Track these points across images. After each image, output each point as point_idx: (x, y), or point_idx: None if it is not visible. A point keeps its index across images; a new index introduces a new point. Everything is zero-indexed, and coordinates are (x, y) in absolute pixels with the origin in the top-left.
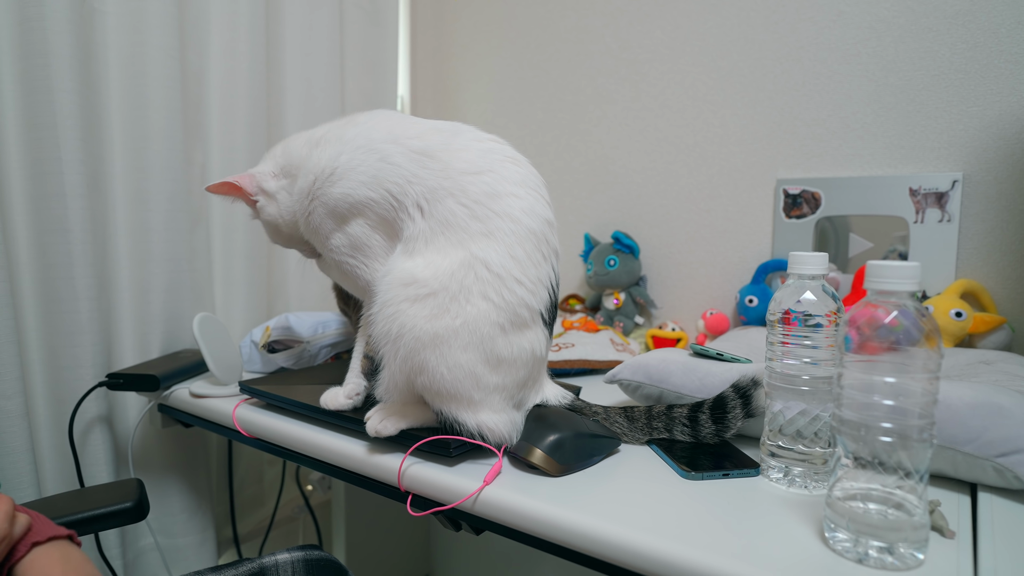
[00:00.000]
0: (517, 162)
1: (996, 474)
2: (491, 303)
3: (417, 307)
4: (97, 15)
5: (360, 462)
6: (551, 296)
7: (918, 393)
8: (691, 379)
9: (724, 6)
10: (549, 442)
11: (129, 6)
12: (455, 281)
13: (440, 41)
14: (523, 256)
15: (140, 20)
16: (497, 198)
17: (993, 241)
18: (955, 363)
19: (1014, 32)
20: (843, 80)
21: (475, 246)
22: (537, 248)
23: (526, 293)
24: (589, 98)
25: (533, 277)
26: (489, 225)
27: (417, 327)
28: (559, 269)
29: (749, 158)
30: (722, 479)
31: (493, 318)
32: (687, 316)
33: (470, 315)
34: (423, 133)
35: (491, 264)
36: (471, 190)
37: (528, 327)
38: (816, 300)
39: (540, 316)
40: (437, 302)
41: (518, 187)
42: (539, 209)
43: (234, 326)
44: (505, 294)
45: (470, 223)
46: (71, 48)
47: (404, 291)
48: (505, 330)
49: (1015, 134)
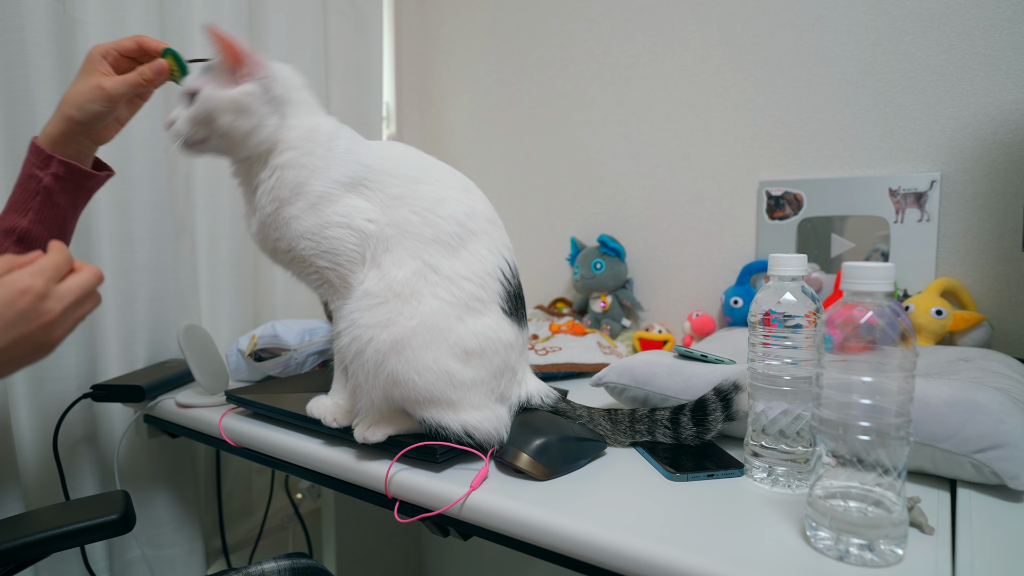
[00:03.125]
0: (455, 174)
1: (974, 470)
2: (441, 300)
3: (370, 315)
4: (78, 25)
5: (348, 470)
6: (505, 287)
7: (894, 392)
8: (676, 381)
9: (705, 11)
10: (535, 446)
11: (110, 15)
12: (407, 288)
13: (425, 47)
14: (467, 255)
15: (121, 29)
16: (443, 203)
17: (971, 240)
18: (935, 360)
19: (987, 35)
20: (822, 83)
21: (426, 253)
22: (483, 245)
23: (474, 287)
24: (573, 103)
25: (480, 271)
26: (437, 230)
27: (375, 338)
28: (515, 262)
29: (732, 160)
30: (707, 480)
31: (446, 311)
32: (673, 318)
33: (423, 313)
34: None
35: (440, 268)
36: (423, 198)
37: (482, 314)
38: (796, 301)
39: (496, 305)
40: (388, 307)
41: (459, 192)
42: (479, 209)
43: (220, 335)
44: (454, 290)
45: (423, 229)
46: (51, 59)
47: (357, 304)
48: (461, 319)
49: (990, 134)
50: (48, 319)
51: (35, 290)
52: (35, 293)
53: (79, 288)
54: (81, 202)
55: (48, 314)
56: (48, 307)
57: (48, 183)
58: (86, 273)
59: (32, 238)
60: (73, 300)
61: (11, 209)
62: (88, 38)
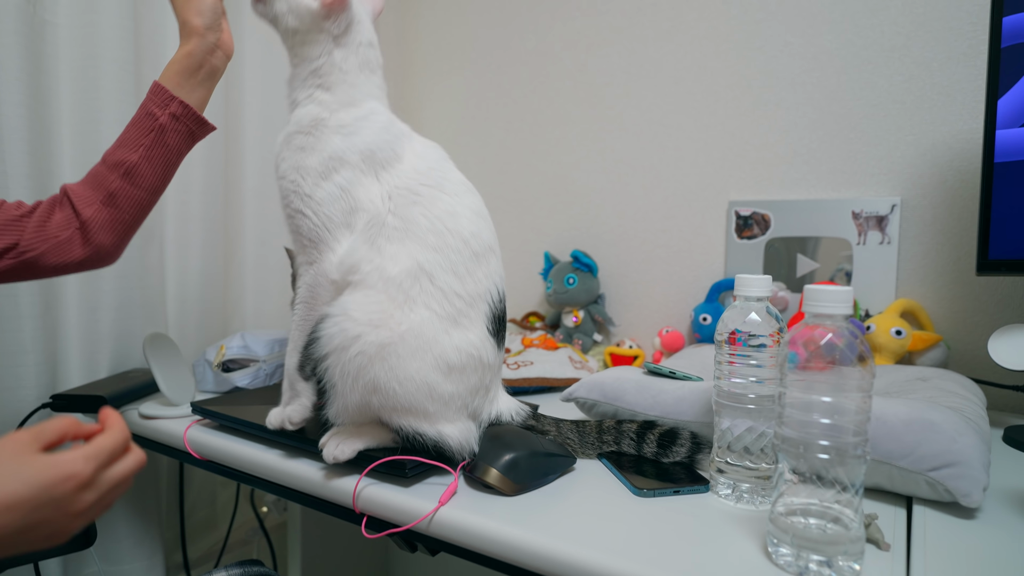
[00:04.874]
0: (471, 190)
1: (929, 487)
2: (432, 312)
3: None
4: (48, 27)
5: (315, 484)
6: (492, 310)
7: (852, 411)
8: (644, 397)
9: (678, 34)
10: (504, 461)
11: (82, 19)
12: (401, 292)
13: (402, 60)
14: (464, 273)
15: (93, 33)
16: (454, 218)
17: (929, 263)
18: (894, 379)
19: (945, 67)
20: (790, 107)
21: (423, 257)
22: (479, 268)
23: (464, 305)
24: (548, 119)
25: (472, 292)
26: (441, 240)
27: (363, 337)
28: (504, 290)
29: (703, 180)
30: (673, 496)
31: (436, 323)
32: (644, 334)
33: (413, 321)
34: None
35: (435, 278)
36: (438, 205)
37: (468, 329)
38: (760, 321)
39: (482, 325)
40: (381, 307)
41: (471, 212)
42: (485, 236)
43: (188, 345)
44: (445, 305)
45: (428, 236)
46: (20, 60)
47: (353, 297)
48: (448, 332)
49: (947, 162)
50: (77, 509)
51: (81, 478)
52: (80, 481)
53: (120, 476)
54: (186, 148)
55: (80, 505)
56: (84, 497)
57: (164, 121)
58: (131, 460)
59: (139, 173)
60: (109, 488)
61: (122, 144)
62: (59, 41)
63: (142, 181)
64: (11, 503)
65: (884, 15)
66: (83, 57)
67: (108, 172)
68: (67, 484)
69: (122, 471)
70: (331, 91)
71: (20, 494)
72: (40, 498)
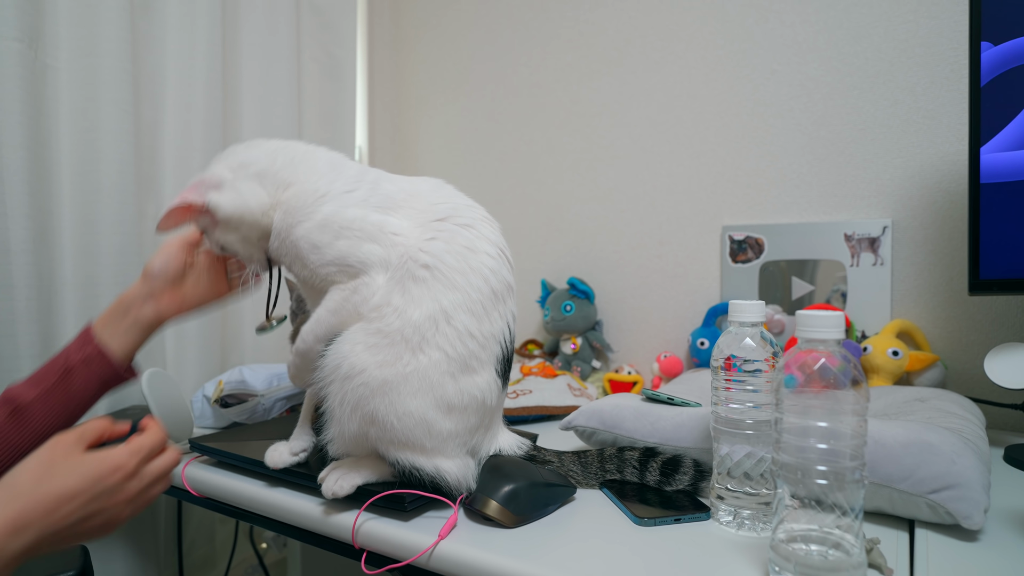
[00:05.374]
0: (492, 223)
1: (930, 510)
2: (443, 353)
3: (374, 350)
4: (49, 71)
5: (314, 520)
6: (503, 351)
7: (848, 436)
8: (643, 424)
9: (667, 64)
10: (504, 493)
11: (82, 62)
12: (418, 334)
13: (398, 93)
14: (481, 312)
15: (93, 75)
16: (474, 253)
17: (923, 283)
18: (892, 401)
19: (928, 91)
20: (779, 133)
21: (446, 299)
22: (495, 307)
23: (477, 347)
24: (543, 149)
25: (487, 332)
26: (466, 279)
27: (367, 371)
28: (515, 330)
29: (696, 206)
30: (674, 524)
31: (443, 367)
32: (642, 359)
33: (421, 364)
34: (411, 180)
35: (453, 319)
36: (457, 239)
37: (476, 373)
38: (755, 346)
39: (491, 367)
40: (394, 351)
41: (491, 246)
42: (504, 273)
43: (186, 380)
44: (458, 347)
45: (453, 276)
46: (21, 104)
47: (366, 337)
48: (454, 376)
49: (936, 183)
50: (126, 497)
51: (127, 469)
52: (126, 472)
53: (160, 470)
54: (97, 393)
55: (128, 492)
56: (131, 486)
57: (73, 364)
58: (169, 457)
59: (28, 415)
60: (151, 481)
61: (30, 378)
62: (60, 84)
63: (30, 423)
64: (71, 494)
65: (867, 42)
66: (83, 99)
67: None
68: (116, 475)
69: (161, 465)
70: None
71: (78, 486)
72: (95, 489)
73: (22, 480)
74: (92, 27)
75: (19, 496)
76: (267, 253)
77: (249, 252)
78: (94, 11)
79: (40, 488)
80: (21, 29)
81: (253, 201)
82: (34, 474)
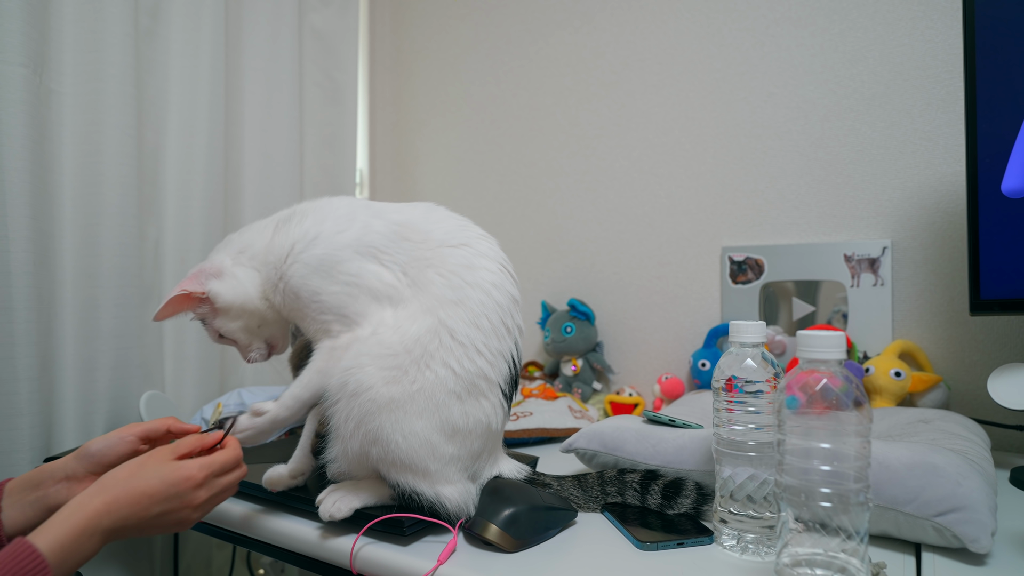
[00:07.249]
0: (489, 240)
1: (936, 533)
2: (450, 370)
3: (379, 364)
4: (53, 96)
5: (312, 545)
6: (511, 370)
7: (852, 457)
8: (645, 446)
9: (665, 87)
10: (504, 517)
11: (86, 87)
12: (419, 346)
13: (399, 117)
14: (487, 327)
15: (97, 100)
16: (472, 270)
17: (924, 303)
18: (896, 422)
19: (925, 113)
20: (777, 155)
21: (444, 313)
22: (502, 321)
23: (485, 364)
24: (542, 171)
25: (495, 349)
26: (460, 293)
27: (374, 388)
28: (522, 346)
29: (695, 227)
30: (676, 548)
31: (450, 386)
32: (643, 381)
33: (428, 381)
34: (401, 208)
35: (456, 332)
36: (449, 261)
37: (484, 396)
38: (756, 367)
39: (499, 387)
40: (398, 363)
41: (490, 262)
42: (507, 286)
43: (185, 404)
44: (465, 363)
45: (444, 291)
46: (25, 127)
47: (370, 349)
48: (461, 398)
49: (934, 204)
50: (194, 503)
51: (196, 480)
52: (195, 482)
53: (226, 483)
54: None
55: (195, 499)
56: (198, 495)
57: None
58: (235, 475)
59: None
60: (218, 491)
61: None
62: (63, 108)
63: None
64: (149, 492)
65: (863, 65)
66: (86, 123)
67: None
68: (186, 483)
69: (228, 479)
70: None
71: (155, 488)
72: (167, 491)
73: (121, 475)
74: (96, 52)
75: (115, 486)
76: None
77: (249, 340)
78: (98, 37)
79: (130, 483)
80: (26, 55)
81: (251, 286)
82: (129, 471)
